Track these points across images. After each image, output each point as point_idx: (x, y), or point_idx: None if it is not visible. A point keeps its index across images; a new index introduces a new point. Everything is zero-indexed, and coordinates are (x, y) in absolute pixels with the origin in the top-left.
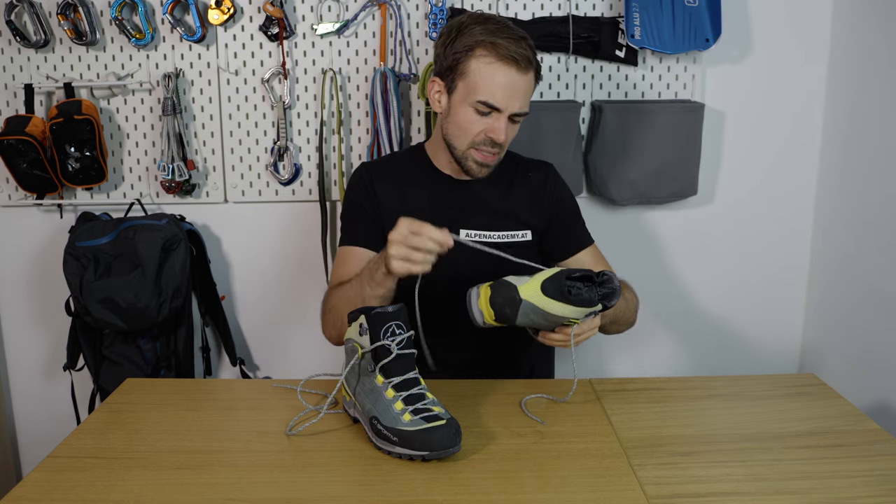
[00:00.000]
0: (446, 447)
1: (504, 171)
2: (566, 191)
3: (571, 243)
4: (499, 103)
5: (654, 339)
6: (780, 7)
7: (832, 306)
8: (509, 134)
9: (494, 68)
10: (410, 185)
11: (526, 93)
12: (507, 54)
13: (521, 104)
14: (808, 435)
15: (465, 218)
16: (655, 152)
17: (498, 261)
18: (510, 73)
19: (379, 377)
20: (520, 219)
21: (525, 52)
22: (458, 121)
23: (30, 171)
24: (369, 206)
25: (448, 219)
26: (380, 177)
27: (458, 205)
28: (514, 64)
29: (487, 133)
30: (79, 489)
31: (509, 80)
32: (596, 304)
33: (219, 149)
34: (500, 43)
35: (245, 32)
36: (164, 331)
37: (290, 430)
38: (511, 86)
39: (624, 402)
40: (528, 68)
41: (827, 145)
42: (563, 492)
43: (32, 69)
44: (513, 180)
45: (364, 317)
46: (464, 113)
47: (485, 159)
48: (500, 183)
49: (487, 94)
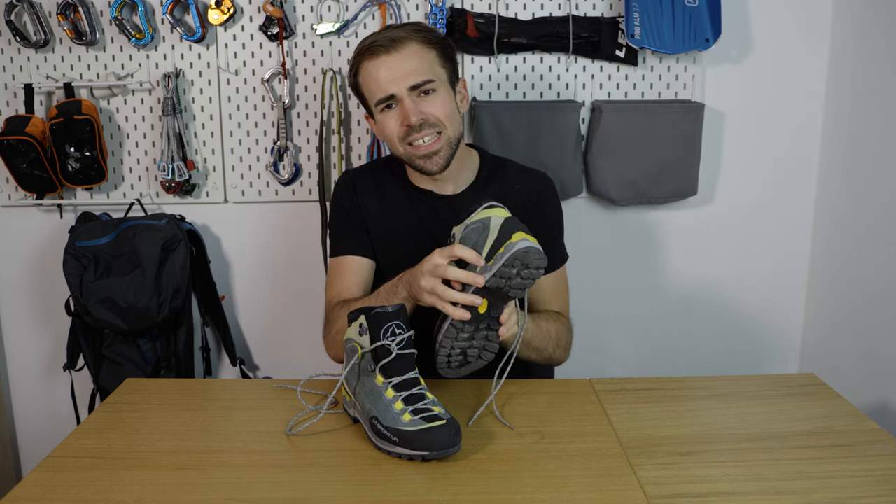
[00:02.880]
0: (446, 447)
1: (490, 183)
2: (556, 209)
3: None
4: (387, 90)
5: (654, 340)
6: (780, 7)
7: (832, 306)
8: (426, 109)
9: (370, 67)
10: (393, 197)
11: (412, 65)
12: (373, 49)
13: (411, 78)
14: (808, 435)
15: (440, 234)
16: (655, 152)
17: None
18: (383, 61)
19: (379, 377)
20: None
21: (391, 34)
22: (382, 132)
23: (30, 171)
24: (356, 213)
25: (430, 234)
26: (364, 186)
27: (434, 221)
28: (381, 52)
29: (402, 123)
30: (79, 489)
31: (386, 66)
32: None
33: (219, 149)
34: (366, 45)
35: (245, 32)
36: (164, 331)
37: (289, 430)
38: (389, 69)
39: (624, 402)
40: (398, 47)
41: (827, 145)
42: (563, 492)
43: (32, 69)
44: (498, 193)
45: (364, 317)
46: (380, 122)
47: (423, 149)
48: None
49: (376, 91)
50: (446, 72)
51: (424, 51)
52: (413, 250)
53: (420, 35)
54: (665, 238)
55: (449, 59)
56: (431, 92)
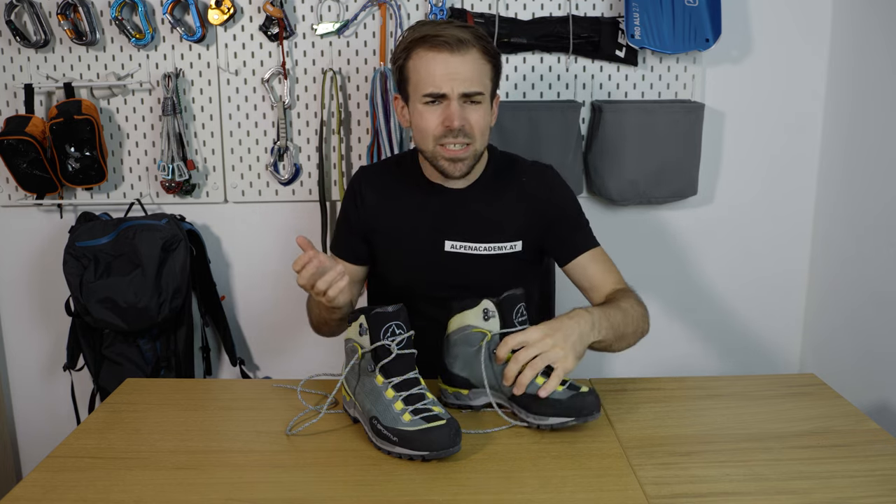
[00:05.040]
0: (446, 447)
1: (499, 178)
2: (566, 194)
3: (572, 248)
4: (441, 88)
5: (654, 340)
6: (780, 7)
7: (832, 306)
8: (470, 118)
9: (428, 58)
10: (398, 193)
11: (470, 72)
12: (436, 42)
13: (466, 85)
14: (808, 435)
15: (449, 228)
16: (655, 152)
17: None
18: (444, 58)
19: (379, 377)
20: (509, 229)
21: (459, 34)
22: (416, 123)
23: (30, 171)
24: (356, 217)
25: (431, 229)
26: (371, 185)
27: (443, 214)
28: (445, 48)
29: (444, 123)
30: (79, 489)
31: (445, 64)
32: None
33: (219, 149)
34: (429, 34)
35: (245, 32)
36: (164, 331)
37: (289, 430)
38: (448, 68)
39: (624, 402)
40: (463, 50)
41: (827, 145)
42: (563, 492)
43: (32, 69)
44: (507, 187)
45: (364, 317)
46: (418, 113)
47: (453, 153)
48: (492, 189)
49: (428, 84)
50: (492, 86)
51: (482, 61)
52: (420, 243)
53: (481, 44)
54: (665, 238)
55: (497, 75)
56: (477, 103)
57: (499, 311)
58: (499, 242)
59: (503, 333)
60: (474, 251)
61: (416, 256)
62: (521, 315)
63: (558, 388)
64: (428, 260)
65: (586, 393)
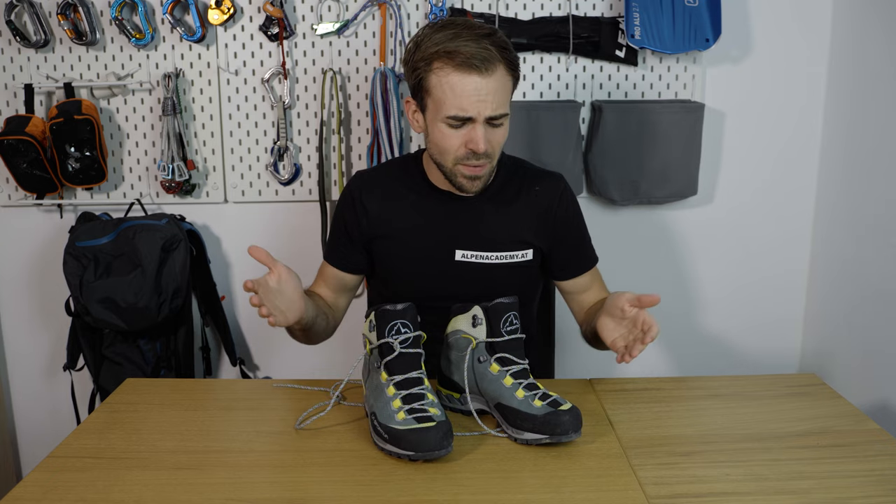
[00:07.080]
0: (433, 449)
1: (508, 184)
2: (574, 209)
3: (573, 266)
4: (468, 113)
5: (655, 340)
6: (780, 7)
7: (832, 306)
8: (492, 139)
9: (454, 79)
10: (404, 200)
11: (497, 93)
12: (463, 61)
13: (493, 107)
14: (808, 435)
15: (460, 237)
16: (655, 152)
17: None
18: (472, 80)
19: (383, 374)
20: (521, 238)
21: (485, 52)
22: (436, 140)
23: (30, 171)
24: (356, 226)
25: (442, 238)
26: (371, 191)
27: (454, 223)
28: (474, 70)
29: (467, 145)
30: (79, 489)
31: (473, 88)
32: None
33: (219, 149)
34: (455, 50)
35: (245, 32)
36: (164, 331)
37: (299, 424)
38: (476, 92)
39: (624, 402)
40: (491, 69)
41: (827, 145)
42: (563, 492)
43: (32, 69)
44: (517, 194)
45: (374, 313)
46: (439, 130)
47: (473, 172)
48: (503, 197)
49: (454, 107)
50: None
51: (507, 78)
52: (430, 251)
53: (506, 57)
54: (665, 238)
55: (515, 87)
56: (500, 125)
57: (486, 319)
58: (510, 251)
59: (488, 343)
60: (486, 260)
61: (424, 265)
62: (511, 325)
63: (538, 404)
64: (438, 269)
65: (565, 411)
